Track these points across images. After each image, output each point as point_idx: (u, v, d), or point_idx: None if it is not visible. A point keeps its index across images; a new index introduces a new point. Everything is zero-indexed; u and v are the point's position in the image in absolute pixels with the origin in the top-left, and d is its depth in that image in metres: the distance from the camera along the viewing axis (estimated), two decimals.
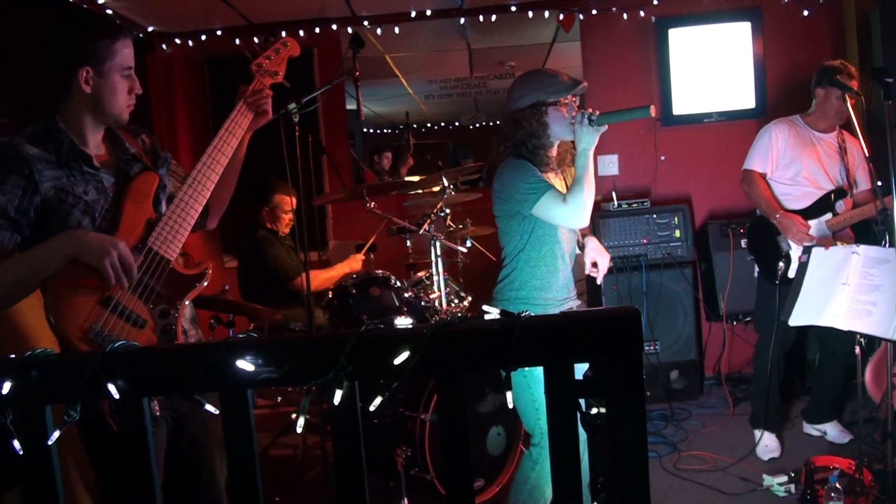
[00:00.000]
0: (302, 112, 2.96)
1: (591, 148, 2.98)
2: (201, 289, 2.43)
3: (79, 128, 2.32)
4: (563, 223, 3.06)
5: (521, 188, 2.98)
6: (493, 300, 3.20)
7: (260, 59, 2.64)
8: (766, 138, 4.42)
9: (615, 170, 5.91)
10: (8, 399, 1.54)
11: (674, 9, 5.78)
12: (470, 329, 1.47)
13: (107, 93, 2.28)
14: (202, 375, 1.49)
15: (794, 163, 4.35)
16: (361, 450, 1.52)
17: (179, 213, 2.38)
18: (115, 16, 5.23)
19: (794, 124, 4.42)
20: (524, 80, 3.14)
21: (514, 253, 3.12)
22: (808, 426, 4.62)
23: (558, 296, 3.14)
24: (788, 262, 4.30)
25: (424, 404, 3.73)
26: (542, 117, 3.04)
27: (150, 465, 1.58)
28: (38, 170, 2.18)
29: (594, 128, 2.95)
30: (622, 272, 5.29)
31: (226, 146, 2.51)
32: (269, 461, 4.74)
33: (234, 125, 2.54)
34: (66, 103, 2.32)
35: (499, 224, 3.19)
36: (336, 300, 4.30)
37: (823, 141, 4.38)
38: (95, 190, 2.30)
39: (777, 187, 4.43)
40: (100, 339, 2.17)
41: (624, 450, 1.41)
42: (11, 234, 2.15)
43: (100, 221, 2.29)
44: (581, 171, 2.97)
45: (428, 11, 5.93)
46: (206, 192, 2.44)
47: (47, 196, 2.19)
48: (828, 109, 4.30)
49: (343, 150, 6.27)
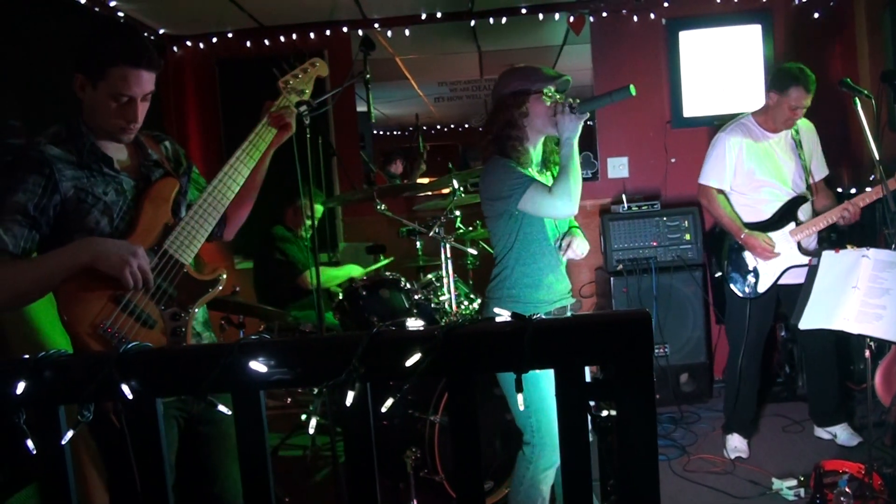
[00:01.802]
0: (313, 115, 2.97)
1: (574, 136, 2.97)
2: (214, 294, 2.45)
3: (95, 131, 2.34)
4: (550, 214, 3.03)
5: (505, 185, 2.98)
6: (485, 298, 3.22)
7: (288, 76, 2.71)
8: (720, 151, 4.37)
9: (625, 172, 5.91)
10: (22, 399, 1.55)
11: (684, 11, 5.78)
12: (481, 331, 1.47)
13: (96, 107, 2.29)
14: (215, 376, 1.50)
15: (751, 173, 4.31)
16: (373, 451, 1.53)
17: (197, 220, 2.41)
18: (126, 18, 5.25)
19: (748, 129, 4.36)
20: (509, 70, 3.16)
21: (504, 252, 3.13)
22: (819, 429, 4.61)
23: (551, 296, 3.13)
24: (758, 276, 4.30)
25: (434, 406, 3.73)
26: (522, 106, 3.04)
27: (162, 466, 1.59)
28: (58, 169, 2.21)
29: (576, 115, 2.94)
30: (632, 275, 5.28)
31: (248, 158, 2.56)
32: (278, 462, 4.75)
33: (258, 138, 2.59)
34: (83, 109, 2.34)
35: (488, 225, 3.20)
36: (346, 301, 4.31)
37: (777, 142, 4.34)
38: (115, 191, 2.32)
39: (736, 198, 4.41)
40: (110, 336, 2.19)
41: (634, 453, 1.41)
42: (30, 232, 2.18)
43: (118, 222, 2.32)
44: (566, 160, 2.96)
45: (438, 14, 5.94)
46: (224, 202, 2.48)
47: (67, 195, 2.22)
48: (777, 115, 4.23)
49: (354, 153, 6.28)
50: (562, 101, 2.98)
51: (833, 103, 5.26)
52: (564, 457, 1.47)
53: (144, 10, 5.29)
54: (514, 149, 3.06)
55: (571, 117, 2.94)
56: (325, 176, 4.15)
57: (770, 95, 4.26)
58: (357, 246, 6.02)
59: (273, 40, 6.05)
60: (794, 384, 5.31)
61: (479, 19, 6.02)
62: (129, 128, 2.32)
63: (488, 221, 3.18)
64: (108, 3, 5.05)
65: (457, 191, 4.39)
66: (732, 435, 4.53)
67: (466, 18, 6.02)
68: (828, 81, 5.12)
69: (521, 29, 6.38)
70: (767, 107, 4.31)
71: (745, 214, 4.36)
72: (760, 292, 4.30)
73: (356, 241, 6.14)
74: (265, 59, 6.06)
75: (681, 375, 5.38)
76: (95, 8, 4.97)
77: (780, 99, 4.17)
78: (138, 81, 2.26)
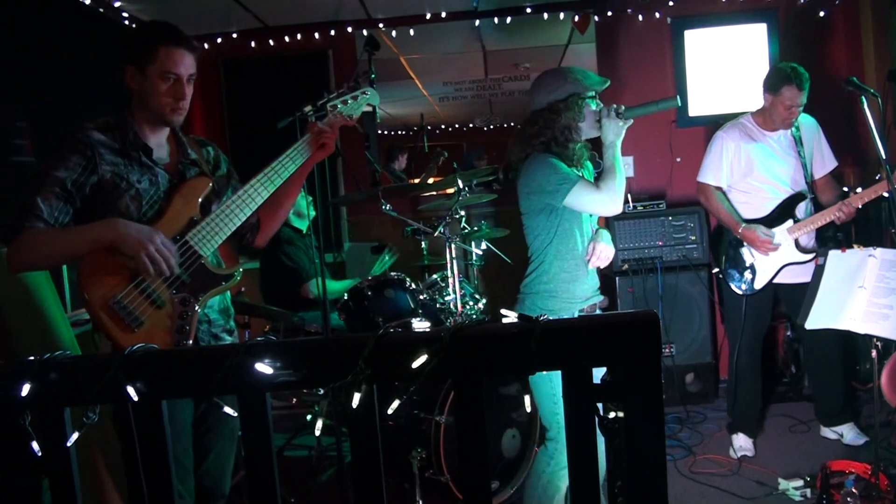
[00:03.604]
0: (317, 115, 2.98)
1: (618, 141, 3.06)
2: (227, 288, 2.62)
3: (140, 123, 2.55)
4: (596, 211, 3.14)
5: (552, 180, 3.02)
6: (520, 294, 3.23)
7: (337, 101, 2.83)
8: (717, 150, 4.40)
9: (630, 171, 5.88)
10: (27, 401, 1.55)
11: (689, 10, 5.75)
12: (488, 333, 1.47)
13: (147, 91, 2.50)
14: (221, 378, 1.49)
15: (749, 171, 4.32)
16: (379, 452, 1.52)
17: (222, 218, 2.58)
18: (131, 19, 5.26)
19: (745, 128, 4.37)
20: (555, 73, 3.16)
21: (542, 247, 3.15)
22: (825, 429, 4.59)
23: (585, 292, 3.17)
24: (754, 273, 4.30)
25: (439, 406, 3.72)
26: (579, 110, 3.08)
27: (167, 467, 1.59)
28: (99, 153, 2.44)
29: (622, 121, 3.04)
30: (637, 275, 5.27)
31: (283, 169, 2.69)
32: (283, 462, 4.75)
33: (296, 153, 2.73)
34: (133, 101, 2.56)
35: (525, 221, 3.22)
36: (351, 302, 4.30)
37: (777, 140, 4.34)
38: (149, 181, 2.53)
39: (735, 195, 4.42)
40: (119, 308, 2.37)
41: (641, 454, 1.41)
42: (65, 205, 2.39)
43: (146, 209, 2.51)
44: (611, 160, 3.05)
45: (443, 13, 5.93)
46: (252, 205, 2.63)
47: (104, 178, 2.44)
48: (774, 116, 4.24)
49: (359, 153, 6.28)
50: (608, 107, 3.07)
51: (839, 102, 5.24)
52: (572, 458, 1.47)
53: (149, 10, 5.28)
54: (564, 148, 3.11)
55: (617, 122, 3.04)
56: (330, 176, 4.14)
57: (765, 97, 4.28)
58: (362, 246, 6.02)
59: (278, 40, 6.05)
60: (800, 384, 5.30)
61: (483, 19, 6.02)
62: (178, 107, 2.54)
63: (526, 216, 3.21)
64: (113, 4, 5.05)
65: (462, 191, 4.37)
66: (738, 434, 4.52)
67: (471, 18, 6.01)
68: (834, 80, 5.11)
69: (525, 28, 6.37)
70: (764, 108, 4.32)
71: (744, 212, 4.38)
72: (757, 289, 4.31)
73: (361, 241, 6.13)
74: (270, 60, 6.10)
75: (686, 375, 5.37)
76: (100, 9, 4.98)
77: (775, 100, 4.19)
78: (182, 61, 2.51)
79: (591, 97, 3.10)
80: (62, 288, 4.03)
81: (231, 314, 2.82)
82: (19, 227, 2.33)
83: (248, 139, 5.99)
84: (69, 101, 4.46)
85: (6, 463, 1.59)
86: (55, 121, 4.31)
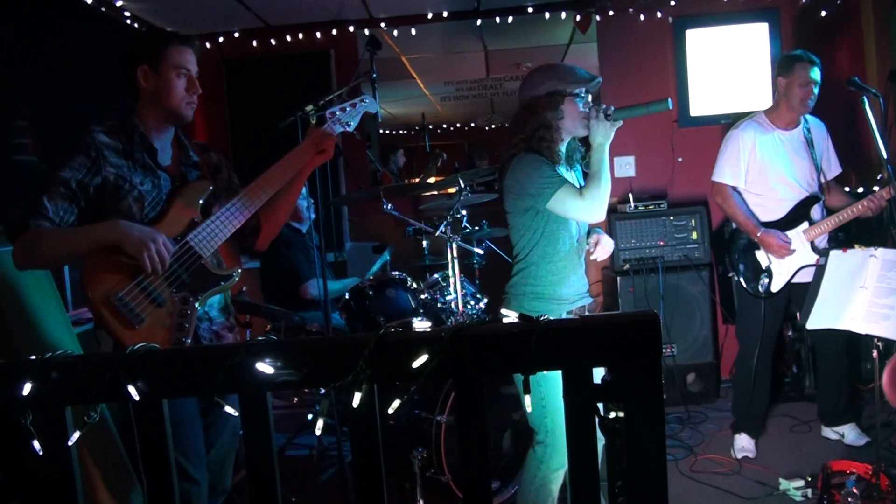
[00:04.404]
0: (319, 114, 3.00)
1: (606, 143, 2.98)
2: (226, 288, 2.68)
3: (147, 125, 2.61)
4: (578, 217, 3.04)
5: (536, 182, 2.95)
6: (505, 294, 3.17)
7: (336, 107, 2.87)
8: (734, 147, 4.33)
9: (632, 171, 5.89)
10: (28, 400, 1.55)
11: (691, 9, 5.75)
12: (489, 333, 1.47)
13: (162, 88, 2.57)
14: (222, 378, 1.49)
15: (764, 170, 4.28)
16: (380, 452, 1.52)
17: (223, 221, 2.63)
18: (133, 18, 5.26)
19: (761, 126, 4.33)
20: (541, 69, 3.12)
21: (528, 247, 3.08)
22: (826, 429, 4.59)
23: (572, 293, 3.11)
24: (771, 276, 4.29)
25: (440, 406, 3.73)
26: (557, 107, 3.01)
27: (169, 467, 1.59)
28: (104, 155, 2.50)
29: (610, 122, 2.96)
30: (638, 274, 5.27)
31: (282, 174, 2.72)
32: (284, 461, 4.75)
33: (295, 158, 2.75)
34: (138, 104, 2.62)
35: (510, 220, 3.15)
36: (353, 301, 4.31)
37: (790, 139, 4.30)
38: (151, 184, 2.59)
39: (749, 198, 4.38)
40: (120, 305, 2.42)
41: (642, 454, 1.41)
42: (70, 205, 2.45)
43: (147, 210, 2.56)
44: (597, 166, 2.97)
45: (444, 13, 5.93)
46: (251, 208, 2.68)
47: (107, 179, 2.50)
48: (791, 99, 4.19)
49: (360, 152, 6.28)
50: (597, 107, 2.98)
51: (840, 102, 5.24)
52: (572, 458, 1.47)
53: (151, 9, 5.29)
54: (546, 148, 3.03)
55: (605, 124, 2.96)
56: (332, 175, 4.15)
57: (778, 83, 4.25)
58: (363, 245, 6.02)
59: (280, 40, 6.06)
60: (802, 384, 5.29)
61: (485, 18, 6.02)
62: (192, 100, 2.63)
63: (511, 216, 3.14)
64: (115, 3, 5.06)
65: (463, 190, 4.38)
66: (741, 434, 4.51)
67: (472, 17, 6.01)
68: (835, 80, 5.11)
69: (527, 28, 6.38)
70: (778, 100, 4.29)
71: (759, 214, 4.33)
72: (774, 292, 4.28)
73: (362, 241, 6.14)
74: (272, 59, 6.10)
75: (688, 375, 5.36)
76: (102, 8, 4.98)
77: (789, 81, 4.17)
78: (191, 59, 2.62)
79: (576, 95, 3.01)
80: (63, 287, 4.03)
81: (232, 312, 2.87)
82: (25, 226, 2.39)
83: (250, 138, 6.01)
84: (70, 101, 4.47)
85: (7, 462, 1.59)
86: (56, 120, 4.32)
